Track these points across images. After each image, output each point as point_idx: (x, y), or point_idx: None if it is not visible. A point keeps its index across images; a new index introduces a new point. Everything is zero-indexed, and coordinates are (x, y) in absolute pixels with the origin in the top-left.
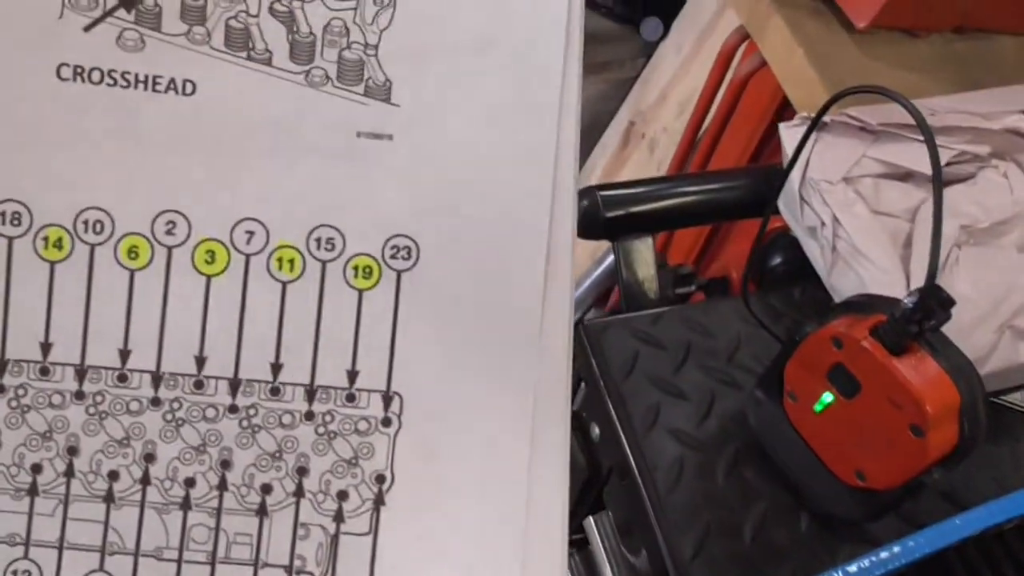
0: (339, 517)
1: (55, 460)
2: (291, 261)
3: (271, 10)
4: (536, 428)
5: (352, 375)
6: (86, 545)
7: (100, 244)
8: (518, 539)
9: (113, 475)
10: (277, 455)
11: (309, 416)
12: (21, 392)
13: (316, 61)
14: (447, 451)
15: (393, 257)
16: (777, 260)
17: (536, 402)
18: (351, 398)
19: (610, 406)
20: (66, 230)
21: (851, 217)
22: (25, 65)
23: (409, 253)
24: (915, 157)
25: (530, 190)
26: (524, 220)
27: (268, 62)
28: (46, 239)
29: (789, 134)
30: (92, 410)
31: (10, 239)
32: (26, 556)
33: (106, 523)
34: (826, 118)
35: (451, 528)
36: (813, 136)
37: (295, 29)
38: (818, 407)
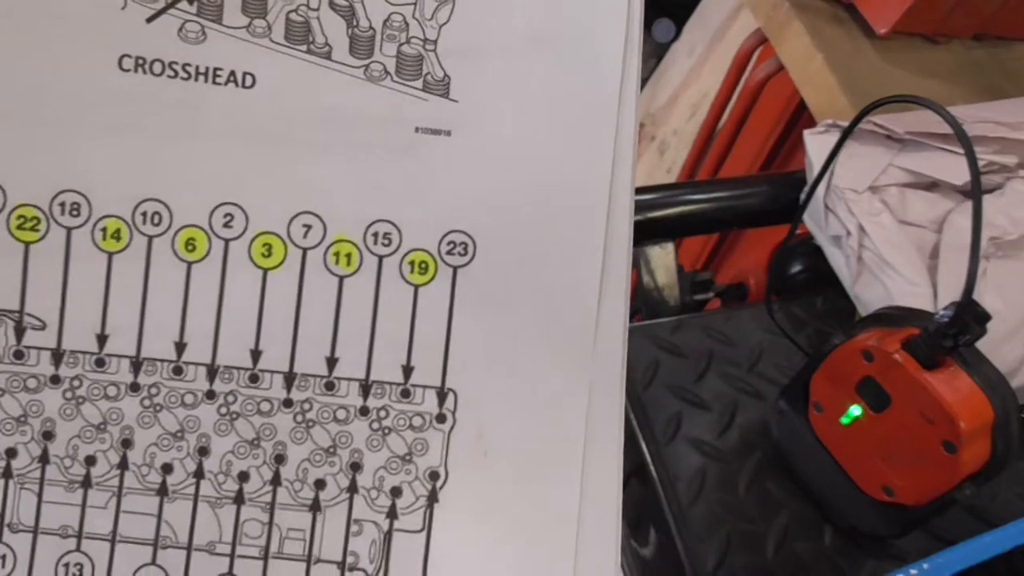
0: (392, 514)
1: (109, 452)
2: (348, 255)
3: (331, 4)
4: (590, 426)
5: (407, 371)
6: (139, 538)
7: (158, 236)
8: (571, 537)
9: (167, 468)
10: (331, 450)
11: (364, 411)
12: (76, 383)
13: (375, 56)
14: (501, 448)
15: (449, 253)
16: (797, 268)
17: (591, 400)
18: (406, 394)
19: (631, 415)
20: (125, 221)
21: (877, 227)
22: (87, 56)
23: (465, 249)
24: (941, 166)
25: (588, 186)
26: (581, 216)
27: (327, 56)
28: (104, 230)
29: (814, 141)
30: (147, 402)
31: (69, 229)
32: (78, 549)
33: (159, 516)
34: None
35: (504, 526)
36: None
37: (355, 23)
38: (845, 420)
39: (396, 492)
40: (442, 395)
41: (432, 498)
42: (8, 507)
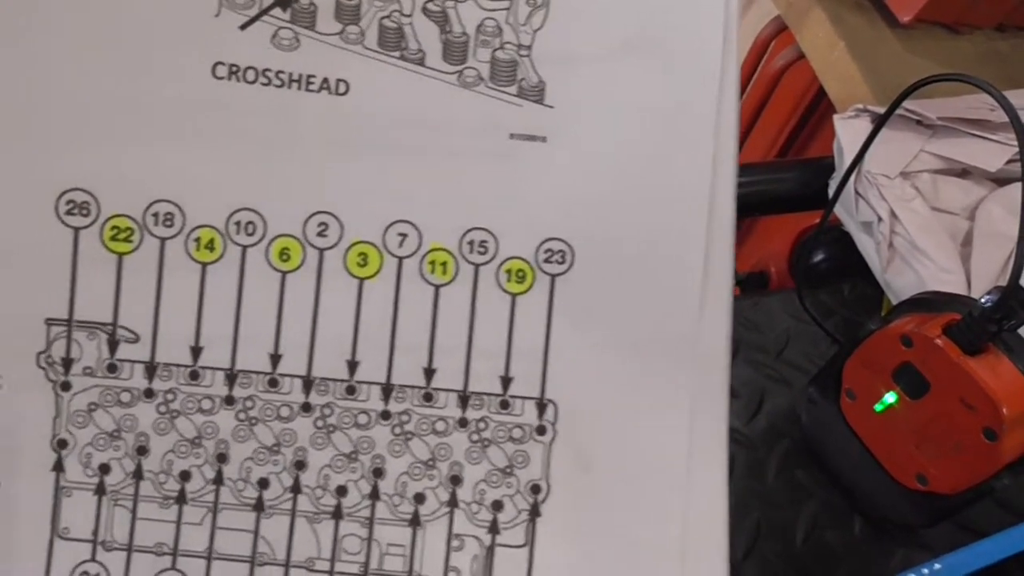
0: (494, 528)
1: (204, 467)
2: (444, 264)
3: (424, 10)
4: (693, 437)
5: (506, 381)
6: (235, 555)
7: (252, 246)
8: (676, 552)
9: (263, 483)
10: (430, 463)
11: (463, 423)
12: (170, 397)
13: (469, 61)
14: (603, 461)
15: (547, 261)
16: (820, 256)
17: (693, 411)
18: (505, 405)
19: None
20: (218, 231)
21: (910, 213)
22: (181, 64)
23: (563, 257)
24: (974, 153)
25: (688, 192)
26: (681, 224)
27: (421, 62)
28: (198, 240)
29: (845, 126)
30: (242, 416)
31: (163, 240)
32: (174, 567)
33: (256, 532)
34: (881, 110)
35: (608, 540)
36: (869, 129)
37: (448, 29)
38: (879, 407)
39: (497, 506)
40: (542, 406)
41: (534, 512)
42: (102, 524)
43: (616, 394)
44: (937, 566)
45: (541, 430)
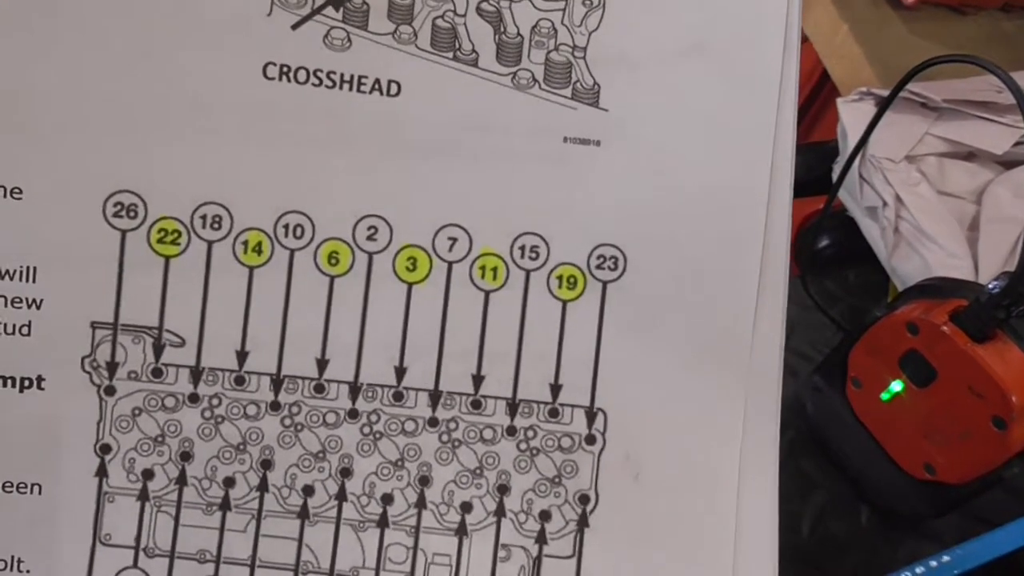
0: (541, 538)
1: (248, 474)
2: (494, 269)
3: (478, 10)
4: (745, 447)
5: (555, 389)
6: (279, 563)
7: (300, 249)
8: (728, 562)
9: (308, 490)
10: (478, 472)
11: (511, 431)
12: (215, 402)
13: (523, 63)
14: (653, 471)
15: (599, 267)
16: (825, 242)
17: (746, 421)
18: (554, 413)
19: None
20: (266, 234)
21: (915, 197)
22: (232, 64)
23: (616, 263)
24: (980, 135)
25: (744, 200)
26: (736, 232)
27: (474, 63)
28: (246, 243)
29: (849, 110)
30: (287, 422)
31: (210, 243)
32: (216, 574)
33: (300, 540)
34: (886, 93)
35: (658, 552)
36: (873, 112)
37: (502, 29)
38: (886, 396)
39: (545, 516)
40: (591, 415)
41: (582, 523)
42: (144, 531)
43: (667, 403)
44: (946, 558)
45: (590, 439)
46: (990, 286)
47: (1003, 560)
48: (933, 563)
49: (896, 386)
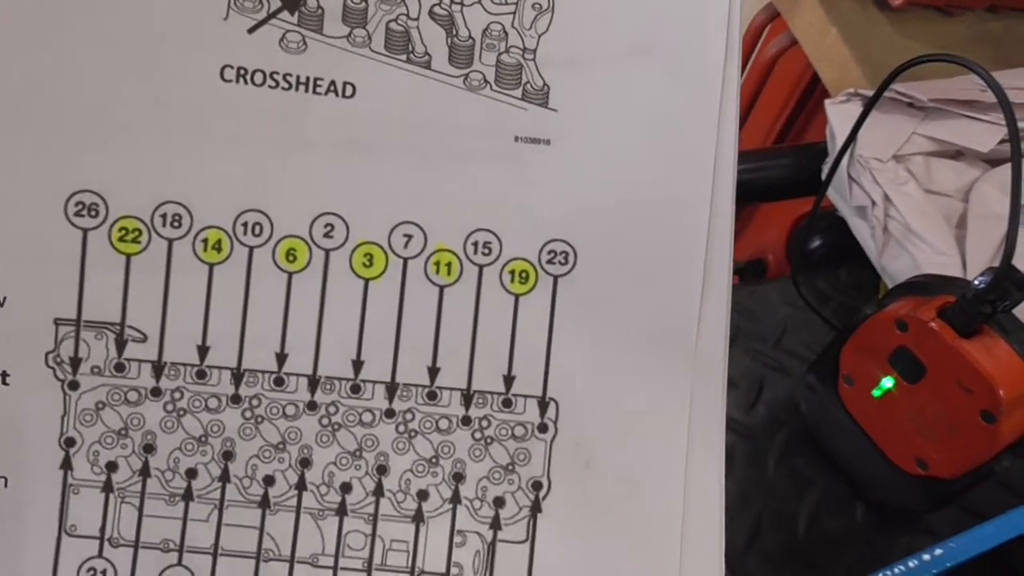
0: (496, 524)
1: (210, 465)
2: (448, 265)
3: (431, 13)
4: (692, 433)
5: (508, 380)
6: (241, 551)
7: (259, 247)
8: (676, 545)
9: (268, 480)
10: (434, 460)
11: (466, 421)
12: (177, 396)
13: (474, 65)
14: (603, 458)
15: (550, 262)
16: (817, 243)
17: (692, 408)
18: (507, 403)
19: None
20: (226, 232)
21: (903, 196)
22: (189, 66)
23: (566, 258)
24: (966, 134)
25: (689, 196)
26: (682, 226)
27: (427, 65)
28: (205, 241)
29: (836, 111)
30: (248, 414)
31: (170, 241)
32: (180, 563)
33: (261, 529)
34: (872, 93)
35: (608, 535)
36: (860, 112)
37: (454, 32)
38: (877, 392)
39: (499, 502)
40: (544, 404)
41: (535, 508)
42: (109, 521)
43: (616, 392)
44: (938, 551)
45: (543, 428)
46: (976, 282)
47: (995, 552)
48: (926, 556)
49: (887, 383)
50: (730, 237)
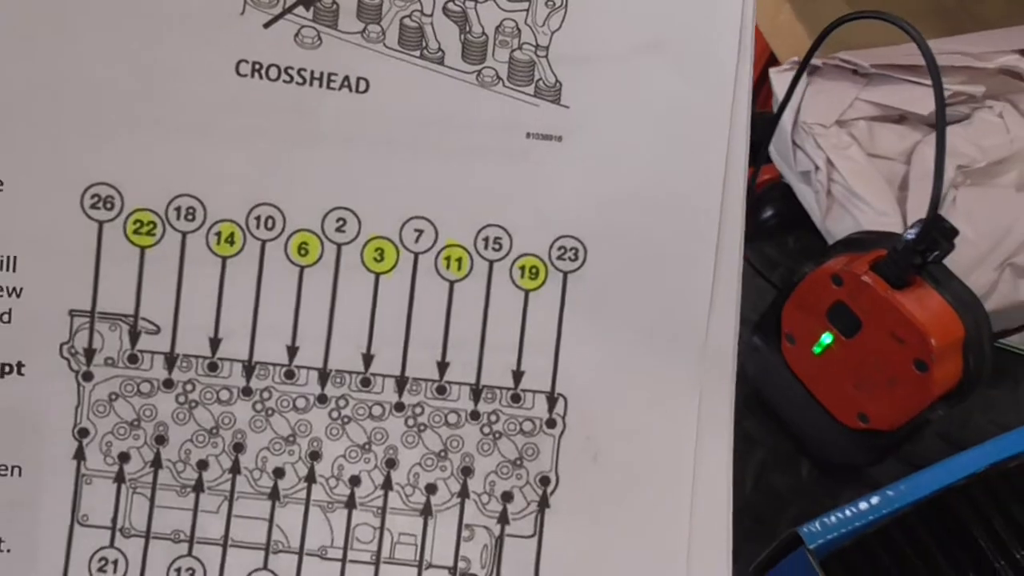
0: (504, 519)
1: (221, 457)
2: (459, 260)
3: (445, 10)
4: (701, 428)
5: (517, 375)
6: (250, 543)
7: (271, 240)
8: (683, 540)
9: (279, 472)
10: (443, 454)
11: (475, 416)
12: (189, 387)
13: (487, 61)
14: (611, 454)
15: (560, 258)
16: (768, 212)
17: (701, 403)
18: (516, 398)
19: None
20: (239, 226)
21: (846, 160)
22: (205, 60)
23: (576, 254)
24: (909, 98)
25: (700, 193)
26: (693, 223)
27: (440, 61)
28: (219, 234)
29: (780, 79)
30: (259, 407)
31: (184, 234)
32: (190, 553)
33: (271, 521)
34: (817, 62)
35: (616, 530)
36: (805, 80)
37: (467, 29)
38: (817, 349)
39: (507, 497)
40: (552, 400)
41: (543, 503)
42: (120, 512)
43: (625, 388)
44: (875, 499)
45: (551, 423)
46: (906, 235)
47: (931, 501)
48: (863, 504)
49: (826, 338)
50: (741, 233)
